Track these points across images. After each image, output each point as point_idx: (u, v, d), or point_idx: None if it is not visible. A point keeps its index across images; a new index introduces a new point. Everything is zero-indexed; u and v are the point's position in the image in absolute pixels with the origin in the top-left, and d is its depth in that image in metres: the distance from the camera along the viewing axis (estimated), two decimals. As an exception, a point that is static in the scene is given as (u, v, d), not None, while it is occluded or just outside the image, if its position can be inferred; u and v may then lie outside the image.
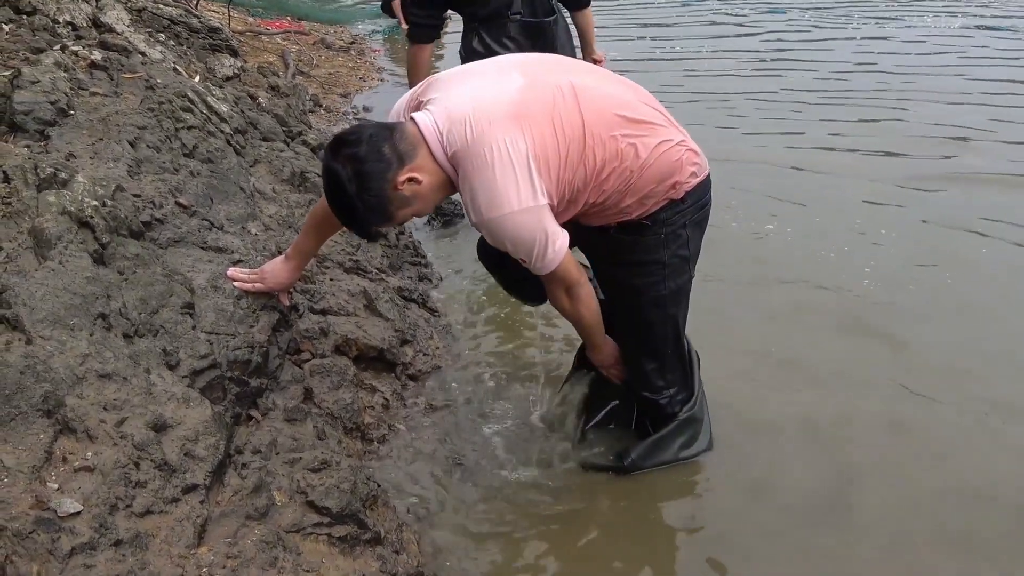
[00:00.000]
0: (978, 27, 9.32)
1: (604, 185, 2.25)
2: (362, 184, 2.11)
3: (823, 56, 8.08)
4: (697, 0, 11.48)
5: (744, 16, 10.31)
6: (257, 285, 2.51)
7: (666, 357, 2.63)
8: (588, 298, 2.43)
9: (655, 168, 2.28)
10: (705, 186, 2.45)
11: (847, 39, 8.88)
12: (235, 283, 2.49)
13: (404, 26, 10.07)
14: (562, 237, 2.22)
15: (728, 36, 9.24)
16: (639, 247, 2.43)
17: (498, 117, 2.12)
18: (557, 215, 2.23)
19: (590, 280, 2.48)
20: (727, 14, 10.46)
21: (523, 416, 2.97)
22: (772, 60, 8.10)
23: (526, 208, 2.12)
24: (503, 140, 2.10)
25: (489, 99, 2.16)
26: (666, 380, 2.66)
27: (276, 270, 2.54)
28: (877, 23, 9.70)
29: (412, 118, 2.19)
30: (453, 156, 2.14)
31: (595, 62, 3.96)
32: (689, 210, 2.41)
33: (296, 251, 2.52)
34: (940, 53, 8.14)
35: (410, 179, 2.13)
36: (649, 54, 8.45)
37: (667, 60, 8.24)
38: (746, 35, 9.28)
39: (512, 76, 2.21)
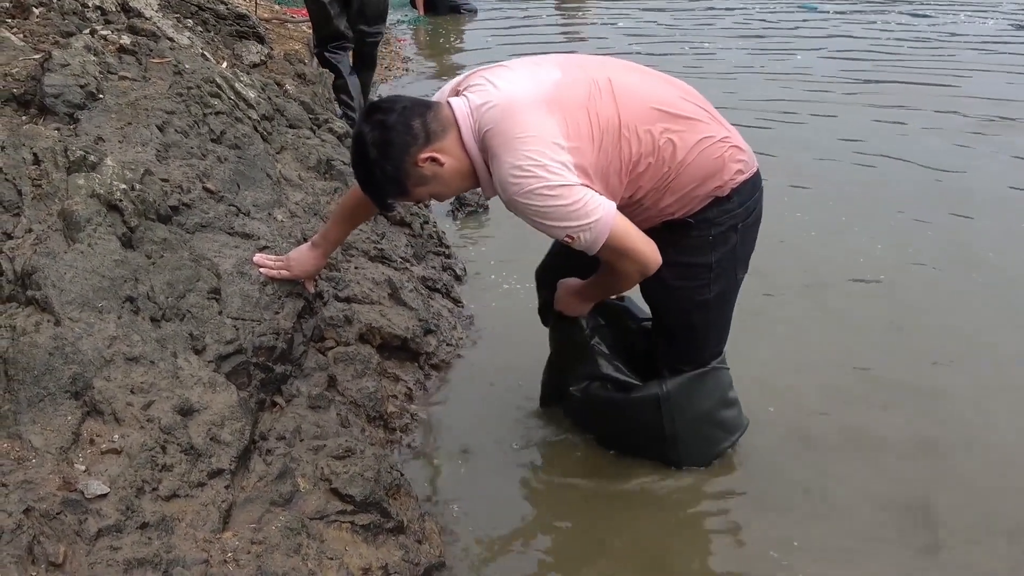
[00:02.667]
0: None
1: (640, 180, 2.20)
2: (384, 152, 2.12)
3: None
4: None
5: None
6: (283, 272, 2.51)
7: (704, 362, 2.57)
8: (655, 253, 2.23)
9: (695, 166, 2.22)
10: (754, 185, 2.38)
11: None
12: (261, 269, 2.49)
13: (422, 14, 10.20)
14: (604, 206, 2.10)
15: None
16: (686, 248, 2.35)
17: (533, 103, 2.10)
18: None
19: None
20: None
21: (547, 407, 2.95)
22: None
23: (556, 184, 2.06)
24: (536, 122, 2.08)
25: (525, 88, 2.14)
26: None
27: (302, 258, 2.53)
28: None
29: (449, 102, 2.19)
30: (484, 137, 2.12)
31: None
32: (739, 212, 2.33)
33: (323, 238, 2.52)
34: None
35: (432, 158, 2.13)
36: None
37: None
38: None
39: (550, 71, 2.19)
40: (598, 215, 2.08)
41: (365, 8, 5.20)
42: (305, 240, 2.91)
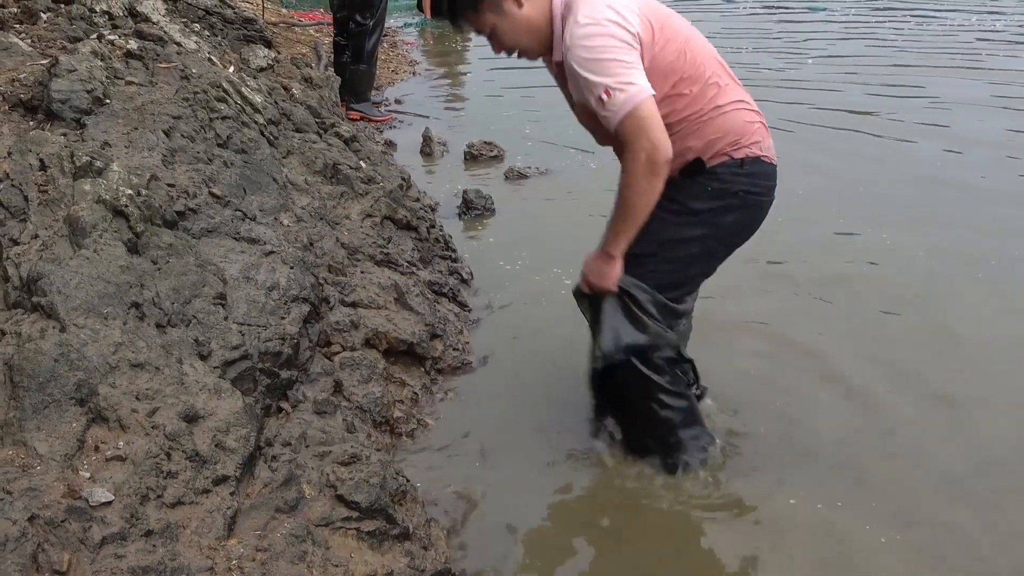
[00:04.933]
0: None
1: (676, 103, 2.30)
2: None
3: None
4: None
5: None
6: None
7: (654, 277, 2.44)
8: (667, 143, 2.25)
9: (727, 119, 2.33)
10: (768, 172, 2.44)
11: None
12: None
13: (430, 17, 10.24)
14: (643, 82, 2.19)
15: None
16: (683, 187, 2.39)
17: None
18: None
19: None
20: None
21: (554, 411, 2.94)
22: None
23: (618, 39, 2.18)
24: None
25: None
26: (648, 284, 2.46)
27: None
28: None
29: None
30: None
31: None
32: (745, 181, 2.39)
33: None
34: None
35: None
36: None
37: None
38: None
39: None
40: (638, 84, 2.18)
41: None
42: (311, 245, 2.92)
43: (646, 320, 2.46)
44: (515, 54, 2.42)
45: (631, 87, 2.17)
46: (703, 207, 2.41)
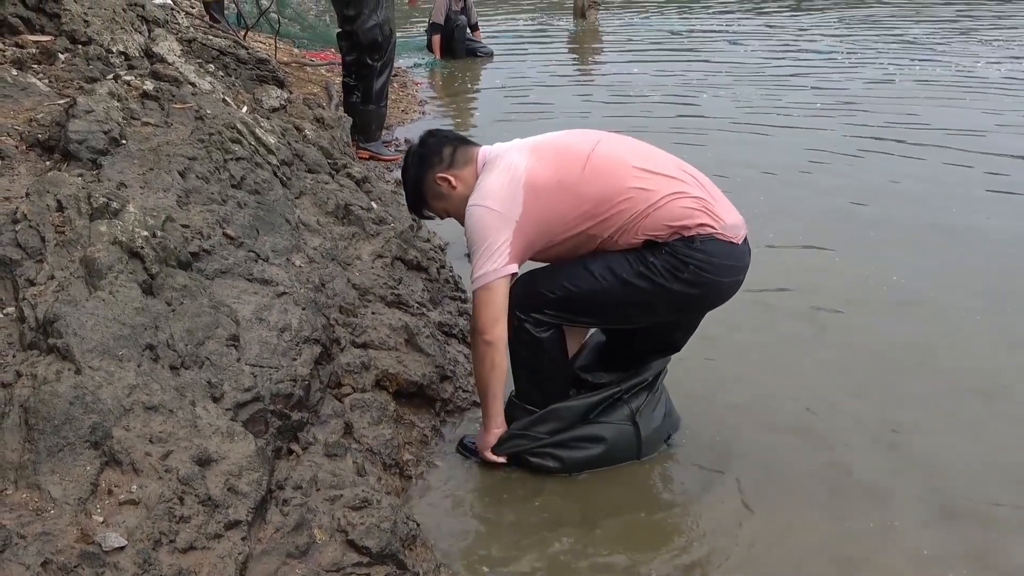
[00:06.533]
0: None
1: (604, 223, 2.58)
2: (418, 163, 2.82)
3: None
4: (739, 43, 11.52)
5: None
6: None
7: (563, 302, 2.67)
8: (493, 359, 2.67)
9: (663, 211, 2.55)
10: (725, 251, 2.59)
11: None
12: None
13: (439, 58, 10.36)
14: (509, 263, 2.59)
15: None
16: (644, 245, 2.60)
17: (520, 145, 2.72)
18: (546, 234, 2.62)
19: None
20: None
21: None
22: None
23: (498, 212, 2.58)
24: (513, 158, 2.66)
25: (529, 139, 2.75)
26: (552, 312, 2.69)
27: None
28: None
29: (481, 147, 2.80)
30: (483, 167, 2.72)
31: None
32: (699, 255, 2.55)
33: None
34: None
35: (446, 179, 2.75)
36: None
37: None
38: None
39: (565, 134, 2.81)
40: (492, 266, 2.59)
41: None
42: (323, 286, 2.93)
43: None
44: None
45: (484, 270, 2.60)
46: (659, 264, 2.58)
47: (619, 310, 2.68)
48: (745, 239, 2.69)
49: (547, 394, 2.80)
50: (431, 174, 2.76)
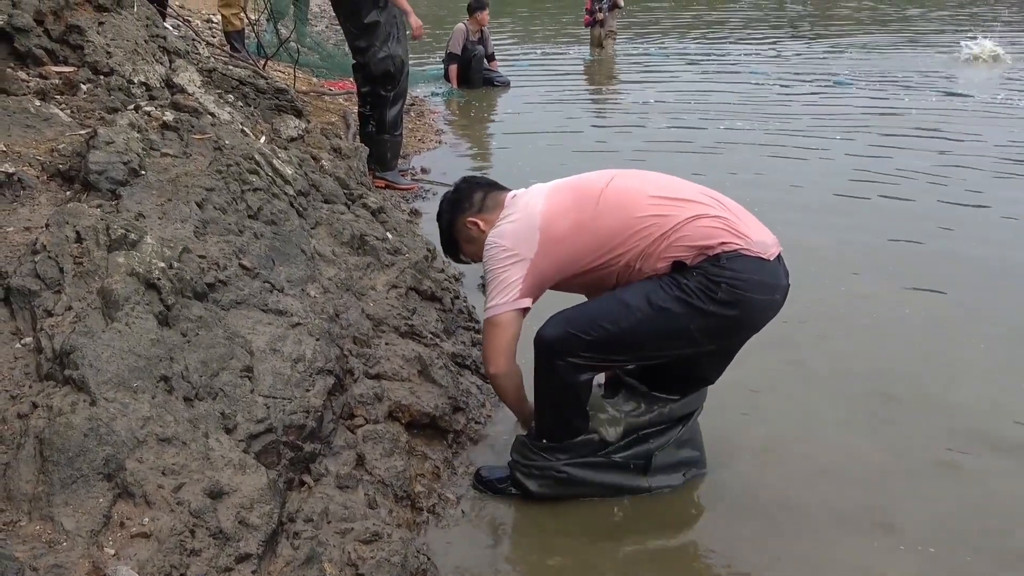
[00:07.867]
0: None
1: (624, 253, 2.59)
2: (450, 208, 2.91)
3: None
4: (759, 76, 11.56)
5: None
6: None
7: (601, 344, 2.60)
8: (503, 386, 2.82)
9: (684, 234, 2.55)
10: (755, 267, 2.54)
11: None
12: None
13: (456, 87, 10.45)
14: (520, 299, 2.64)
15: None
16: (677, 271, 2.57)
17: (540, 188, 2.76)
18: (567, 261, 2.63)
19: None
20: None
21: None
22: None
23: (505, 263, 2.64)
24: (531, 199, 2.72)
25: (549, 183, 2.80)
26: (588, 354, 2.62)
27: None
28: None
29: (512, 192, 2.85)
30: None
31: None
32: (727, 272, 2.50)
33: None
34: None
35: (475, 223, 2.83)
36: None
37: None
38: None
39: (582, 175, 2.81)
40: (502, 300, 2.65)
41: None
42: (337, 316, 2.94)
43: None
44: None
45: (496, 299, 2.66)
46: (691, 285, 2.53)
47: (657, 343, 2.61)
48: (779, 258, 2.64)
49: (571, 430, 2.77)
50: (462, 218, 2.85)
